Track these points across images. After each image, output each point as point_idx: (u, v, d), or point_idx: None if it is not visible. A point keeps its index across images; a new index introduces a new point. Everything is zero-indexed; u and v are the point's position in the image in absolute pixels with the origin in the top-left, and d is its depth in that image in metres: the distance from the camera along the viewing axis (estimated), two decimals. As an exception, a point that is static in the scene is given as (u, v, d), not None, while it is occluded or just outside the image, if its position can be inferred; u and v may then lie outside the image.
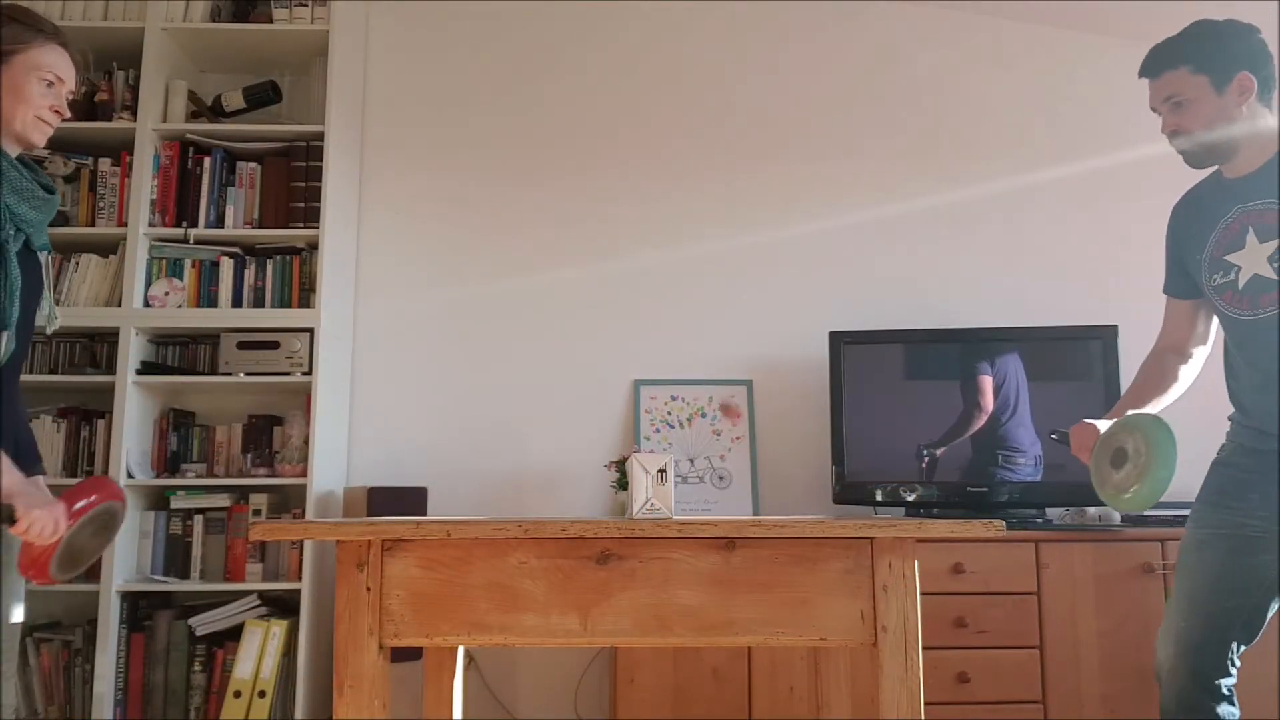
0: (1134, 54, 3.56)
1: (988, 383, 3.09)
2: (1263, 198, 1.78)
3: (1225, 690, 1.79)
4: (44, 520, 1.67)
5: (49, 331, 1.90)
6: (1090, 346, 3.09)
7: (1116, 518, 3.03)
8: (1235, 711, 1.80)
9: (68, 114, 1.84)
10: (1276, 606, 1.80)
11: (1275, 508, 1.76)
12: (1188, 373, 1.98)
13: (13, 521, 1.67)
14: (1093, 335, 3.09)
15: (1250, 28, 1.82)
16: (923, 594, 2.82)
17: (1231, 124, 1.79)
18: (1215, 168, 1.91)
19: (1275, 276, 1.74)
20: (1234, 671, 1.79)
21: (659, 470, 1.60)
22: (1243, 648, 1.80)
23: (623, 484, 3.11)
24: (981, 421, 3.08)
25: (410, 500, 3.01)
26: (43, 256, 1.85)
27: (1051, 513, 3.13)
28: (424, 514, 3.03)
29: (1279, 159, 1.78)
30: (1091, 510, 3.07)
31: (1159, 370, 1.97)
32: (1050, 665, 2.80)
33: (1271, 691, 2.76)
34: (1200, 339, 1.99)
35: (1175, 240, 1.98)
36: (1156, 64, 1.85)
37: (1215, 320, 1.97)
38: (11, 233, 1.72)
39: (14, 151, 1.80)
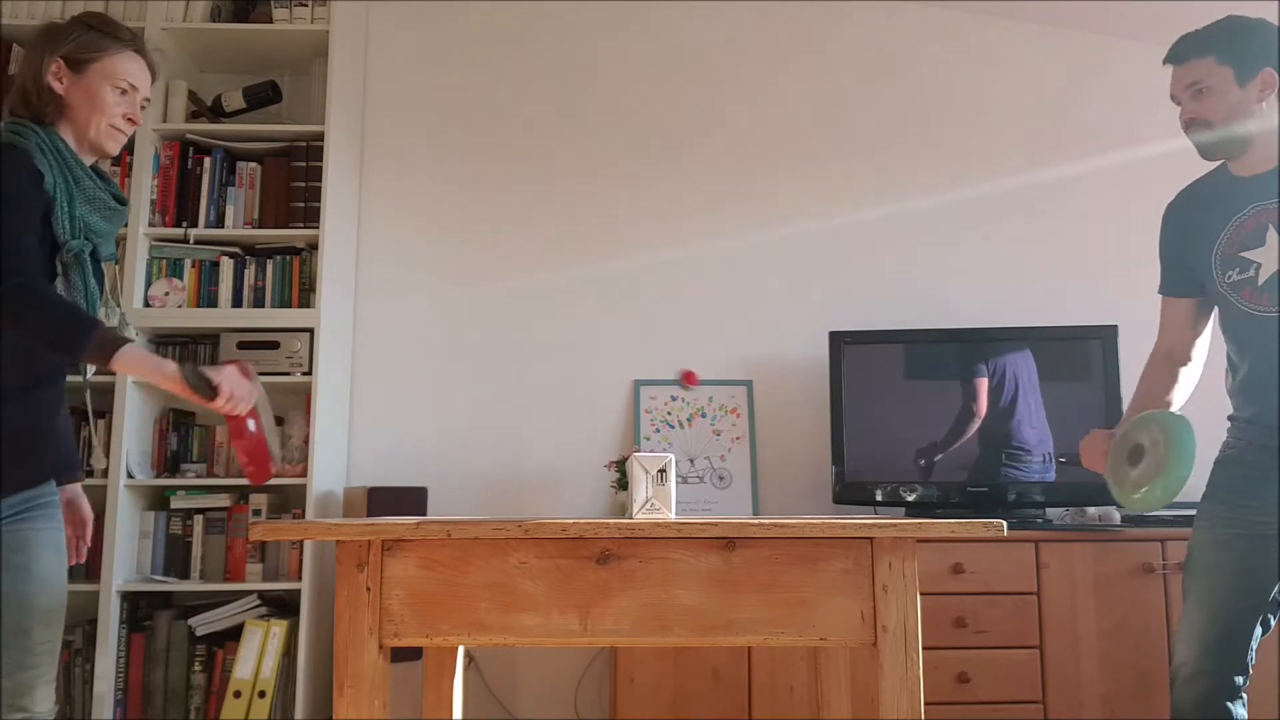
0: (1135, 54, 3.57)
1: (983, 385, 3.09)
2: None
3: (1240, 689, 1.81)
4: (237, 381, 1.69)
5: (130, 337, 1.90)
6: (1090, 346, 3.09)
7: (1116, 518, 3.03)
8: (1244, 711, 1.82)
9: (140, 121, 1.84)
10: None
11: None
12: (1190, 377, 1.97)
13: (214, 394, 1.67)
14: (1092, 335, 3.09)
15: (1277, 28, 1.83)
16: (923, 594, 2.82)
17: (1249, 118, 1.80)
18: (1217, 164, 1.92)
19: None
20: (1251, 669, 1.82)
21: (659, 470, 1.60)
22: (1261, 638, 1.82)
23: (623, 484, 3.11)
24: (976, 425, 3.08)
25: (410, 500, 3.01)
26: (106, 266, 1.85)
27: (1052, 513, 3.13)
28: (424, 514, 3.03)
29: None
30: (1092, 510, 3.07)
31: (1161, 377, 1.97)
32: (1050, 665, 2.80)
33: (1272, 691, 2.76)
34: (1200, 340, 1.98)
35: (1176, 237, 1.96)
36: (1184, 51, 1.86)
37: (1212, 320, 1.96)
38: (84, 243, 1.72)
39: (89, 160, 1.80)
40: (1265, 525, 1.78)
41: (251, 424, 1.77)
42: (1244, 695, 1.81)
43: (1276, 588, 1.79)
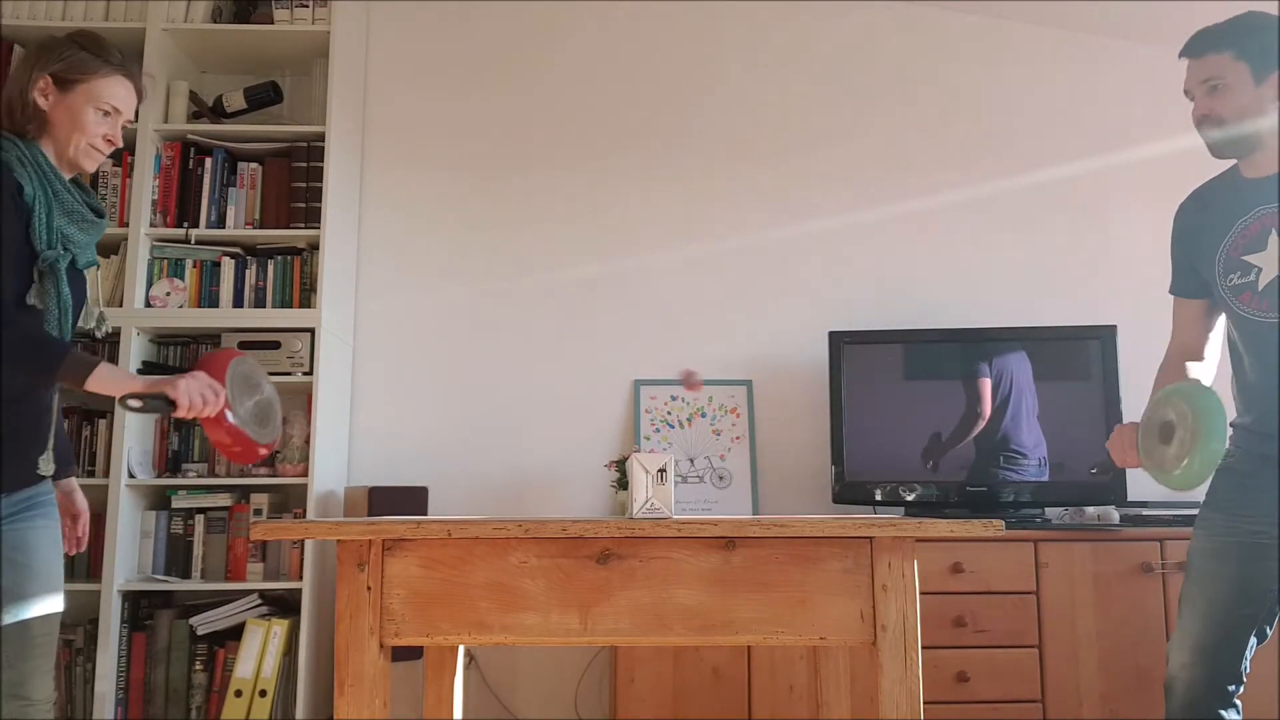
0: (1134, 55, 3.57)
1: (986, 386, 3.10)
2: None
3: (1233, 696, 1.80)
4: (195, 390, 1.72)
5: (100, 335, 1.97)
6: (1089, 346, 3.09)
7: (1115, 517, 3.03)
8: (1237, 717, 1.81)
9: (120, 143, 1.89)
10: None
11: (1277, 510, 1.76)
12: (1204, 375, 1.94)
13: (173, 405, 1.71)
14: (1092, 335, 3.10)
15: None
16: (922, 593, 2.83)
17: (1262, 117, 1.77)
18: (1228, 166, 1.91)
19: None
20: (1245, 677, 1.81)
21: (659, 470, 1.60)
22: (1256, 648, 1.81)
23: (623, 484, 3.11)
24: (980, 426, 3.09)
25: (410, 500, 3.01)
26: (87, 272, 1.91)
27: (1051, 512, 3.13)
28: (424, 514, 3.03)
29: None
30: (1090, 510, 3.07)
31: (1177, 375, 1.94)
32: (1049, 664, 2.81)
33: (1272, 691, 2.77)
34: (1212, 340, 1.96)
35: (1184, 238, 1.95)
36: (1201, 45, 1.83)
37: (1223, 320, 1.95)
38: (61, 253, 1.77)
39: (67, 175, 1.85)
40: (1262, 534, 1.77)
41: (230, 415, 1.79)
42: (1238, 703, 1.81)
43: (1274, 596, 1.78)
